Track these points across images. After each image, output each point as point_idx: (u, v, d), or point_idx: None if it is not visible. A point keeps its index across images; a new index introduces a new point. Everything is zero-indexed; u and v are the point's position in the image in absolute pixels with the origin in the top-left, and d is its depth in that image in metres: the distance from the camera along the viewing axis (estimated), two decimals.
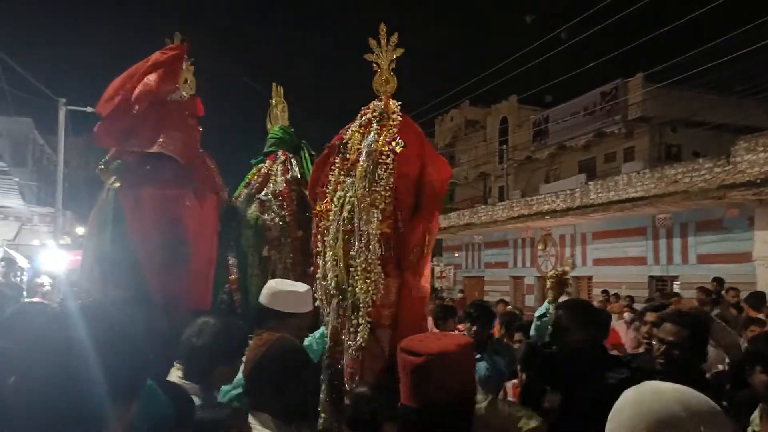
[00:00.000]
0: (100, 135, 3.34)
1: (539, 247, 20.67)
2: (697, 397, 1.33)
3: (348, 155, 3.29)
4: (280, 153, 4.05)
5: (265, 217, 3.79)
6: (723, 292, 10.21)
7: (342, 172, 3.28)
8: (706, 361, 2.61)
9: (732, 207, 13.61)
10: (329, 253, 3.19)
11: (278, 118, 4.29)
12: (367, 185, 3.09)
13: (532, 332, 3.92)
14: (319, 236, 3.31)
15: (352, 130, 3.37)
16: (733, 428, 1.35)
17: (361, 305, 3.01)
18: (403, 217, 3.11)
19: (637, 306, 10.85)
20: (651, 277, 16.34)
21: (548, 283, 4.27)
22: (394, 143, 3.13)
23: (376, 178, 3.09)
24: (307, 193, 3.60)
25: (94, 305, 1.39)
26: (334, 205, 3.22)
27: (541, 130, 28.03)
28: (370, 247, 3.01)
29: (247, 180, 4.05)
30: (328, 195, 3.29)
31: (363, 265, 3.01)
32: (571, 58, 20.59)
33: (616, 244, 17.27)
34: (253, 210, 3.84)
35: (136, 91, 3.25)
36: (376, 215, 3.03)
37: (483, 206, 23.89)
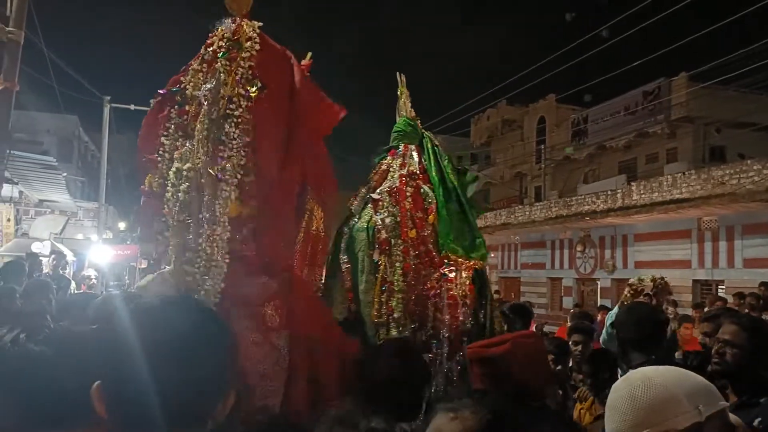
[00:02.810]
0: None
1: (578, 249, 20.35)
2: (689, 375, 1.34)
3: (187, 106, 2.36)
4: (401, 147, 3.56)
5: (377, 217, 3.23)
6: None
7: (179, 132, 2.34)
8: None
9: None
10: (170, 247, 2.34)
11: (402, 109, 3.92)
12: (209, 150, 2.23)
13: (603, 337, 3.84)
14: (162, 223, 2.39)
15: (193, 69, 2.41)
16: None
17: None
18: (267, 193, 2.35)
19: (680, 310, 10.56)
20: (695, 281, 15.96)
21: (626, 294, 4.15)
22: (248, 86, 2.28)
23: (223, 139, 2.24)
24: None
25: (151, 303, 1.17)
26: (170, 182, 2.29)
27: (579, 129, 27.59)
28: (216, 236, 2.21)
29: (368, 179, 3.56)
30: (160, 164, 2.35)
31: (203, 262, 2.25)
32: (611, 56, 20.17)
33: (659, 246, 16.90)
34: (367, 210, 3.34)
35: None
36: (226, 192, 2.22)
37: (520, 206, 23.65)
